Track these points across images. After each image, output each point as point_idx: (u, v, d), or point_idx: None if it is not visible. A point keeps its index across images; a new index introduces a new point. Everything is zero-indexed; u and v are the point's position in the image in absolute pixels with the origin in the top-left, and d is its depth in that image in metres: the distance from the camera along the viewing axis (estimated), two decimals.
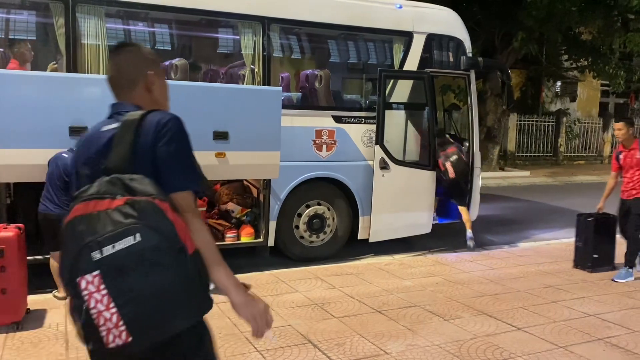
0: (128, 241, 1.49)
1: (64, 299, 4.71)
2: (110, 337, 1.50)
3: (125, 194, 1.55)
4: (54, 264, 4.78)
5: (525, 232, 8.47)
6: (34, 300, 4.60)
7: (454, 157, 6.85)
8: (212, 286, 2.16)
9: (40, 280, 4.98)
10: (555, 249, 7.23)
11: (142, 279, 1.50)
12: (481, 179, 7.66)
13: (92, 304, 1.49)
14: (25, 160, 4.81)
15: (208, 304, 1.68)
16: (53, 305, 4.65)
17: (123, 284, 1.49)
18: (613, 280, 5.74)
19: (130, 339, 1.50)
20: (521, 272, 6.07)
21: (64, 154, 4.62)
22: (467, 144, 7.28)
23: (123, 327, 1.49)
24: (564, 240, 7.82)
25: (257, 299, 1.77)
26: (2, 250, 4.00)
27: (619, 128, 5.86)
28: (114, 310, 1.49)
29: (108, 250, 1.48)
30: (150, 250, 1.50)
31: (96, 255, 1.49)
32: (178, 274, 1.55)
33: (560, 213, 10.38)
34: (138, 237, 1.49)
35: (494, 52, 15.50)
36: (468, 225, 7.09)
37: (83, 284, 1.49)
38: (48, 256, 5.01)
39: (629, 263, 5.80)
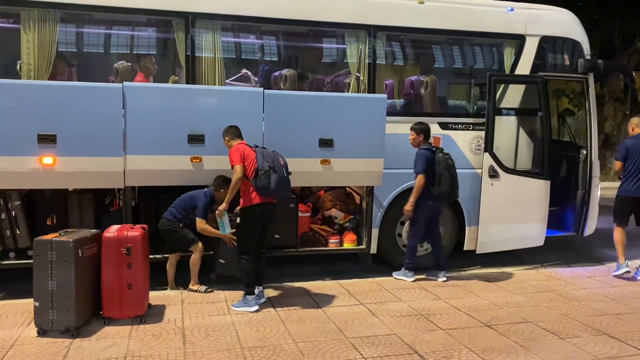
0: None
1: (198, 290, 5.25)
2: None
3: None
4: (193, 259, 5.24)
5: None
6: (154, 296, 4.93)
7: None
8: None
9: (158, 279, 5.35)
10: None
11: None
12: (600, 189, 7.14)
13: None
14: (151, 165, 5.18)
15: None
16: (171, 301, 4.95)
17: None
18: None
19: None
20: None
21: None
22: (585, 152, 6.87)
23: None
24: None
25: None
26: (129, 248, 4.34)
27: None
28: None
29: None
30: None
31: None
32: None
33: None
34: None
35: (613, 54, 14.43)
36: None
37: None
38: (167, 255, 5.37)
39: None
